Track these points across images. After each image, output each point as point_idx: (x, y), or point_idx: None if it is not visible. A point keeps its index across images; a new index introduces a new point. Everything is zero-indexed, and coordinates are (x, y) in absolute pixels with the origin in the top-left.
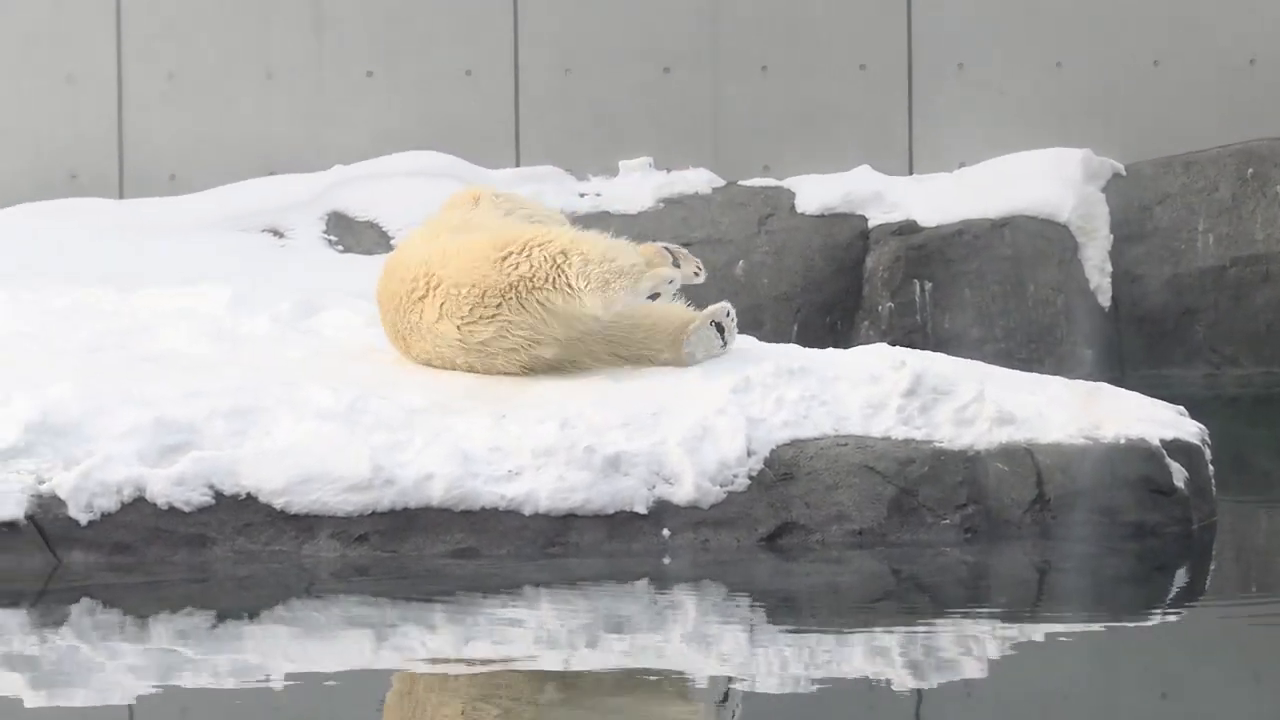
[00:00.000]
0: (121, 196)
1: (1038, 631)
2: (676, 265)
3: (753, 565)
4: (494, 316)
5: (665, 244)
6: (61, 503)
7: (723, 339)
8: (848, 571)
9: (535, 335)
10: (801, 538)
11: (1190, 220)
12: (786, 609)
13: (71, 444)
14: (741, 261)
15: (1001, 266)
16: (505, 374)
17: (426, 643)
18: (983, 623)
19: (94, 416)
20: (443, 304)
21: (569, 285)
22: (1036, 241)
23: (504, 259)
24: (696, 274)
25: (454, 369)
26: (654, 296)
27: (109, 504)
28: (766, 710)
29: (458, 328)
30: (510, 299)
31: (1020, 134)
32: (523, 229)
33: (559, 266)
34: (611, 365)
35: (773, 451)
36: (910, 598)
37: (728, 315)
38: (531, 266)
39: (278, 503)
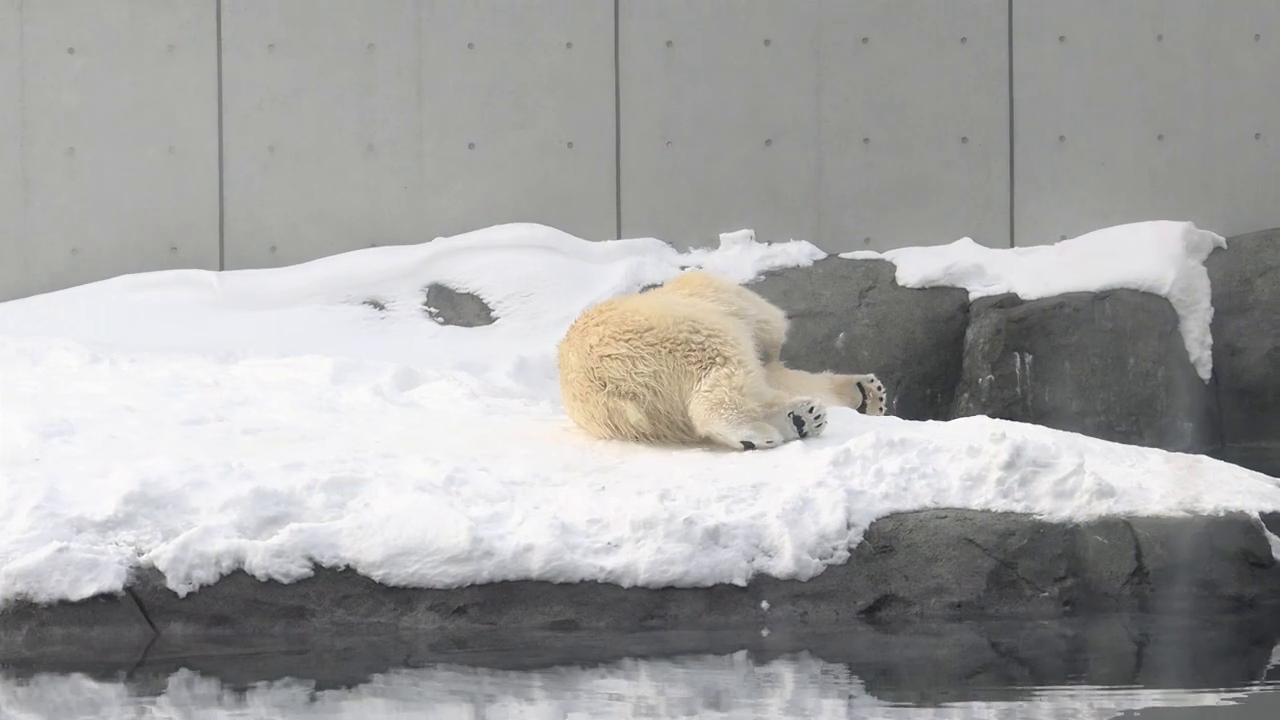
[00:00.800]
0: (222, 268)
1: (1137, 705)
2: (863, 408)
3: (851, 638)
4: (634, 346)
5: (870, 380)
6: (160, 574)
7: (800, 432)
8: (946, 644)
9: (648, 386)
10: (900, 610)
11: None
12: (885, 682)
13: (170, 515)
14: (842, 334)
15: (1102, 339)
16: (589, 424)
17: (525, 715)
18: (1081, 696)
19: (193, 488)
20: (603, 322)
21: (699, 380)
22: (1137, 314)
23: (685, 321)
24: (882, 408)
25: (563, 392)
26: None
27: (208, 576)
28: None
29: (600, 338)
30: (663, 349)
31: (1122, 207)
32: (726, 328)
33: (711, 362)
34: (686, 445)
35: (872, 524)
36: (1009, 670)
37: (810, 411)
38: (699, 343)
39: (376, 575)
